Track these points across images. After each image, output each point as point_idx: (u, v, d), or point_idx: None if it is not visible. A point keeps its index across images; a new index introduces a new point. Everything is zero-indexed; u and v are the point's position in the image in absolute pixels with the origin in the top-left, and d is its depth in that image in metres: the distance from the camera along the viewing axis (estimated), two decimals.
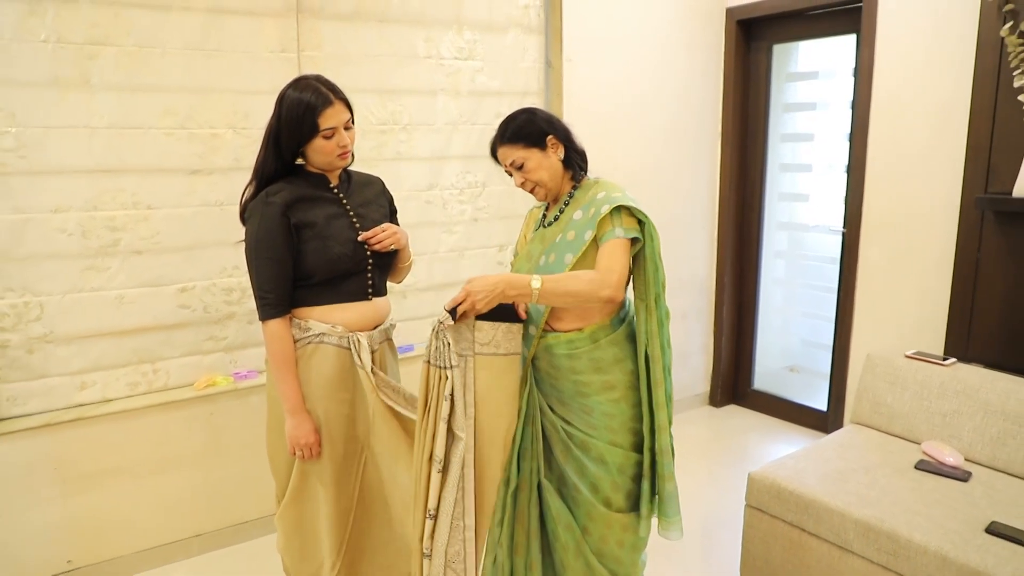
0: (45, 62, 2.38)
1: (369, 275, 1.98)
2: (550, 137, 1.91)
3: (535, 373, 1.98)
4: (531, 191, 1.95)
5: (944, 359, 2.70)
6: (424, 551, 1.84)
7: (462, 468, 1.84)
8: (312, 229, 1.88)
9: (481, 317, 1.81)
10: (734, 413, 4.20)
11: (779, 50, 3.88)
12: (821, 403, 3.84)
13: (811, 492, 2.30)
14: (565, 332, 1.90)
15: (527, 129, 1.90)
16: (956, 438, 2.53)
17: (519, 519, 2.01)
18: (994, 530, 2.04)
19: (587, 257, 1.84)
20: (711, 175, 4.06)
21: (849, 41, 3.55)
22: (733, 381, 4.30)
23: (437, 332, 1.76)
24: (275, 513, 2.06)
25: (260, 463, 2.57)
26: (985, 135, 2.89)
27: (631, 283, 1.92)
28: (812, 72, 3.87)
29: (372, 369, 1.94)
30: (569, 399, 1.93)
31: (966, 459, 2.49)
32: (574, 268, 1.84)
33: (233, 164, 2.71)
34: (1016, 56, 2.69)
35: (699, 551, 2.81)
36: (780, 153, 4.00)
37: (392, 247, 2.00)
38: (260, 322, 1.88)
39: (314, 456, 1.91)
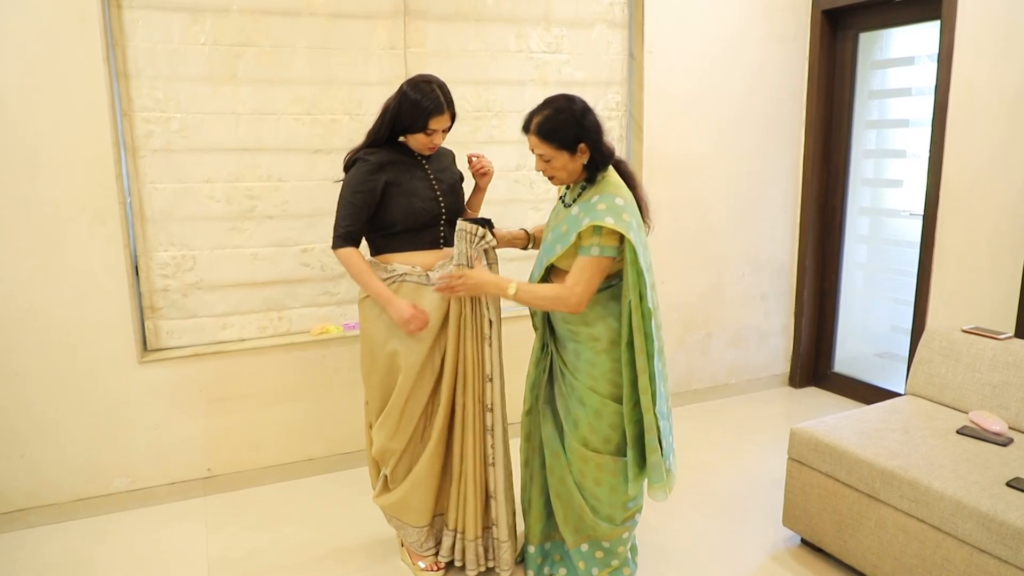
0: (203, 61, 2.95)
1: (441, 228, 2.38)
2: (582, 145, 2.10)
3: (548, 317, 2.37)
4: (548, 178, 2.20)
5: (999, 333, 2.77)
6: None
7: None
8: (400, 187, 2.30)
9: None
10: (813, 394, 4.29)
11: (865, 38, 3.96)
12: (901, 386, 3.88)
13: (844, 444, 2.47)
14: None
15: (564, 131, 2.08)
16: (1004, 408, 2.61)
17: (531, 438, 2.42)
18: (1014, 484, 2.16)
19: (568, 256, 2.14)
20: (794, 161, 4.18)
21: (934, 28, 3.59)
22: (813, 363, 4.39)
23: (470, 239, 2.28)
24: (372, 428, 2.48)
25: (363, 402, 3.03)
26: None
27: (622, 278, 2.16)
28: (907, 58, 3.90)
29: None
30: (567, 342, 2.29)
31: (1011, 428, 2.56)
32: (560, 259, 2.16)
33: (348, 144, 3.17)
34: None
35: (755, 505, 3.02)
36: (864, 139, 4.06)
37: (488, 169, 2.52)
38: (332, 251, 2.30)
39: (425, 324, 2.27)
